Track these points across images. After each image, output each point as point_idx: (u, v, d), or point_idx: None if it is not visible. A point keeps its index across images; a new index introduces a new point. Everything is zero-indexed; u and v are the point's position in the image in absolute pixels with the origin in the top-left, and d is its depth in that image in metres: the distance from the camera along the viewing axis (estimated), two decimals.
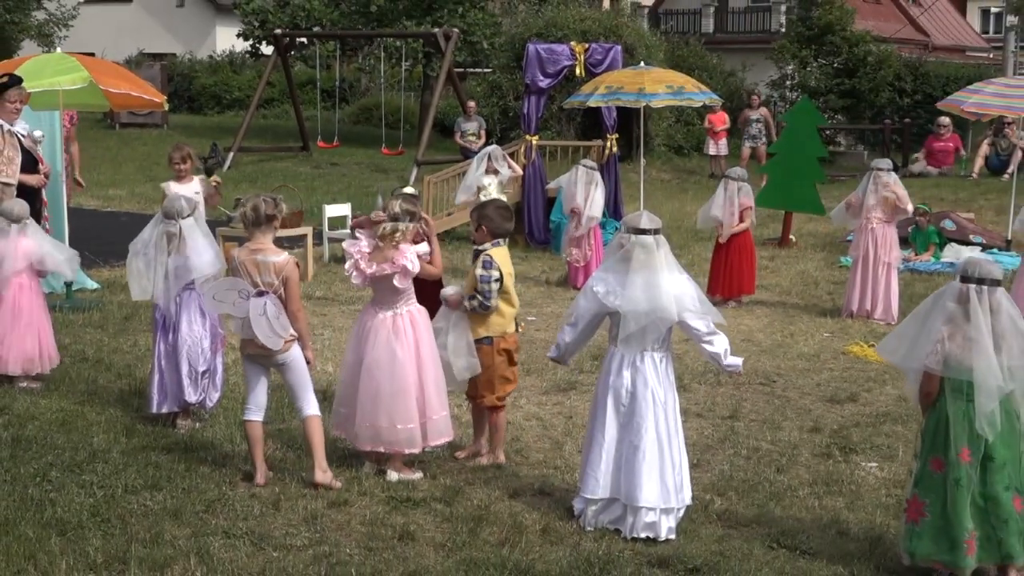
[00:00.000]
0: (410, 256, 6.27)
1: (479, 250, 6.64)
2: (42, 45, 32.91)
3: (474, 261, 6.72)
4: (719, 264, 11.73)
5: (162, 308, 7.25)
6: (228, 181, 19.39)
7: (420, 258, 6.30)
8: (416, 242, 6.35)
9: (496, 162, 12.99)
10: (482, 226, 6.57)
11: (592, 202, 12.18)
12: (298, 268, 6.29)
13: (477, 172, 12.95)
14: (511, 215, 6.80)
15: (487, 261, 6.46)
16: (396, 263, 6.26)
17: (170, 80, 34.53)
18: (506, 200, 11.22)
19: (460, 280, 8.09)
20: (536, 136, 15.11)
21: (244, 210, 6.25)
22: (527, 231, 14.84)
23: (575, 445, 7.01)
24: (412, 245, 6.32)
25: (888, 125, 26.36)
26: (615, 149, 15.39)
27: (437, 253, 6.46)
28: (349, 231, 9.22)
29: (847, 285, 11.45)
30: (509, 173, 13.27)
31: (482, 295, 6.45)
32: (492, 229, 6.55)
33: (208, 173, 9.73)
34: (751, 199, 11.75)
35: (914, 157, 23.28)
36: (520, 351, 6.94)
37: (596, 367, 7.82)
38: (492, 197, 11.76)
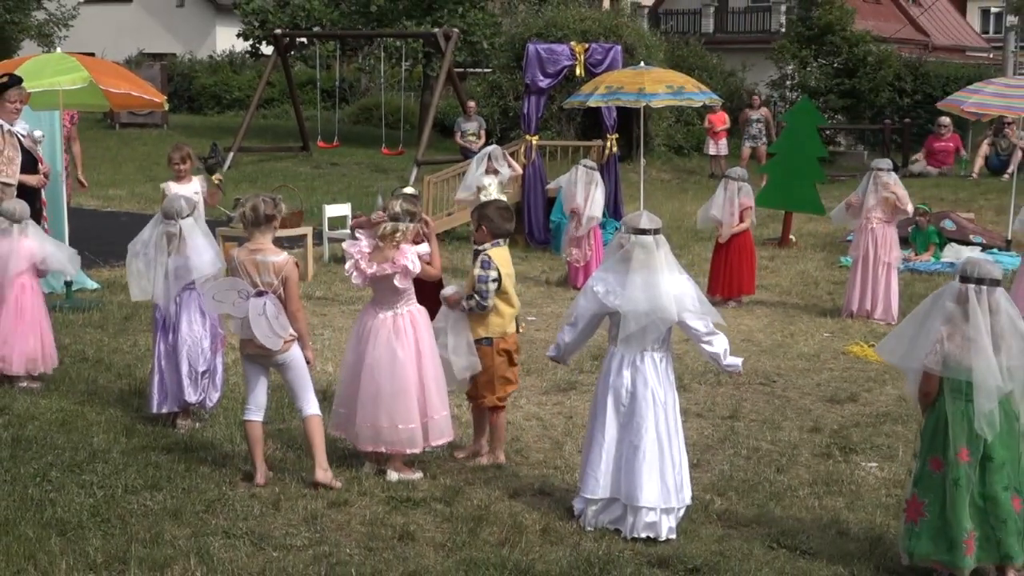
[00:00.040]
0: (411, 256, 6.27)
1: (479, 250, 6.65)
2: (42, 45, 32.90)
3: (474, 261, 6.73)
4: (719, 264, 11.74)
5: (162, 308, 7.26)
6: (228, 181, 19.38)
7: (420, 258, 6.31)
8: (416, 242, 6.36)
9: (496, 162, 12.99)
10: (482, 226, 6.58)
11: (592, 202, 12.18)
12: (297, 268, 6.29)
13: (477, 172, 12.94)
14: (512, 215, 6.81)
15: (485, 261, 6.47)
16: (396, 263, 6.26)
17: (170, 80, 34.53)
18: (506, 200, 11.24)
19: (460, 280, 8.09)
20: (536, 136, 15.11)
21: (243, 210, 6.25)
22: (527, 231, 14.84)
23: (575, 445, 7.01)
24: (413, 245, 6.32)
25: (888, 125, 26.36)
26: (615, 149, 15.39)
27: (436, 254, 6.46)
28: (349, 231, 9.22)
29: (847, 285, 11.45)
30: (509, 172, 13.27)
31: (479, 295, 6.45)
32: (492, 229, 6.56)
33: (210, 172, 9.73)
34: (751, 199, 11.75)
35: (914, 158, 23.27)
36: (520, 351, 6.93)
37: (596, 367, 7.82)
38: (492, 197, 11.78)
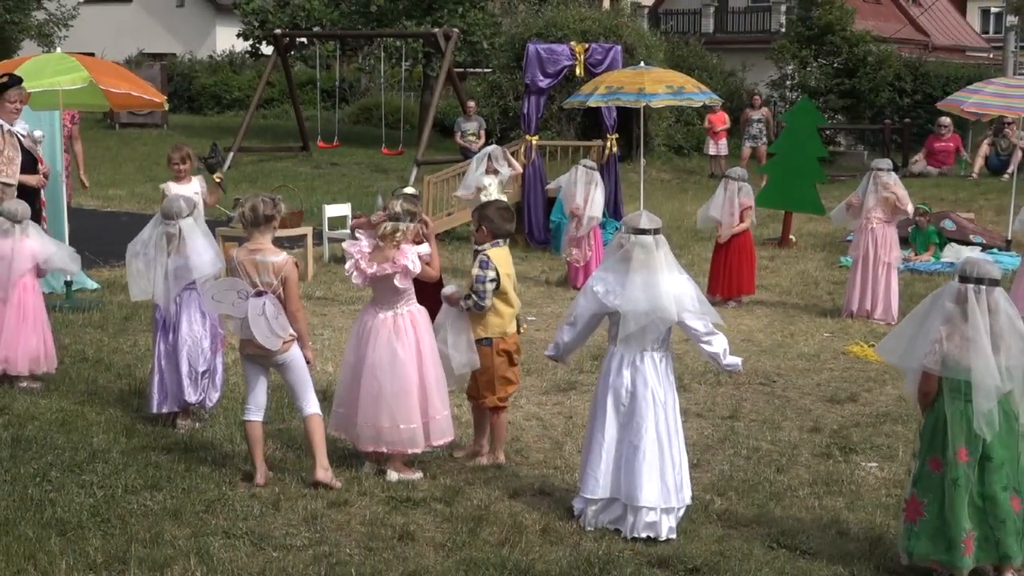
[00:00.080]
0: (411, 256, 6.27)
1: (479, 250, 6.65)
2: (42, 45, 32.88)
3: (474, 261, 6.73)
4: (719, 264, 11.74)
5: (162, 308, 7.26)
6: (228, 181, 19.35)
7: (420, 259, 6.30)
8: (416, 242, 6.36)
9: (496, 162, 12.99)
10: (483, 227, 6.59)
11: (592, 202, 12.18)
12: (297, 268, 6.29)
13: (477, 172, 12.94)
14: (512, 216, 6.81)
15: (483, 261, 6.47)
16: (397, 263, 6.26)
17: (170, 80, 34.53)
18: (506, 200, 11.23)
19: (460, 280, 8.10)
20: (536, 136, 15.11)
21: (243, 210, 6.25)
22: (527, 231, 14.84)
23: (575, 445, 7.01)
24: (413, 245, 6.32)
25: (888, 125, 26.36)
26: (615, 149, 15.38)
27: (436, 255, 6.46)
28: (349, 231, 9.22)
29: (847, 285, 11.45)
30: (510, 172, 13.27)
31: (476, 295, 6.45)
32: (493, 230, 6.57)
33: (211, 171, 9.72)
34: (751, 199, 11.75)
35: (914, 159, 23.27)
36: (521, 351, 6.93)
37: (596, 367, 7.82)
38: (493, 197, 11.79)
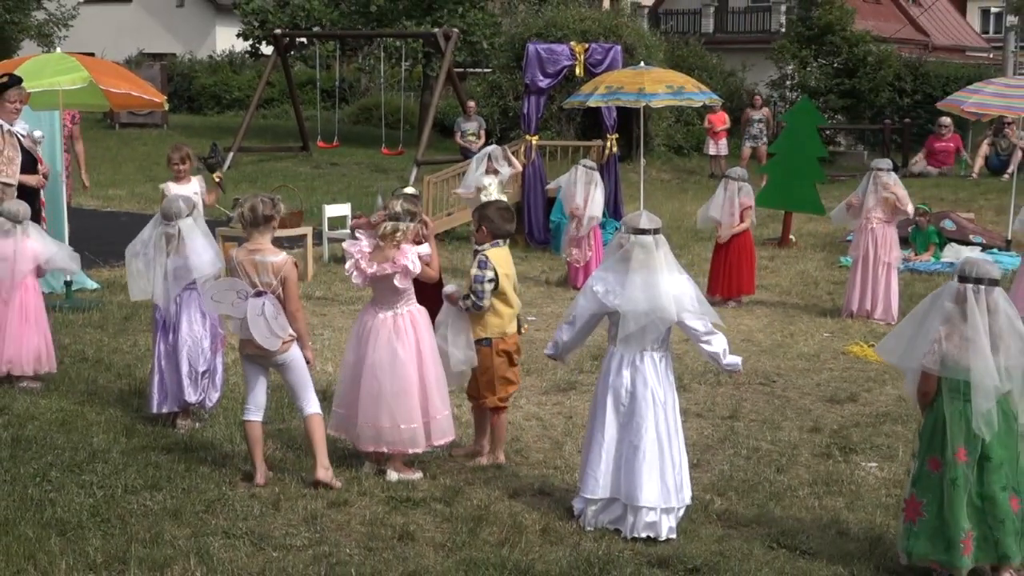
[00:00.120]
0: (411, 256, 6.27)
1: (478, 250, 6.65)
2: (42, 45, 32.88)
3: (473, 261, 6.73)
4: (719, 264, 11.74)
5: (162, 309, 7.25)
6: (228, 181, 19.36)
7: (420, 259, 6.30)
8: (417, 243, 6.36)
9: (496, 162, 12.99)
10: (483, 227, 6.59)
11: (592, 202, 12.18)
12: (296, 268, 6.29)
13: (477, 172, 12.94)
14: (512, 216, 6.81)
15: (482, 261, 6.47)
16: (397, 263, 6.26)
17: (170, 80, 34.53)
18: (506, 200, 11.24)
19: (461, 280, 8.10)
20: (536, 136, 15.11)
21: (242, 211, 6.25)
22: (527, 231, 14.84)
23: (575, 445, 7.01)
24: (413, 245, 6.32)
25: (888, 125, 26.35)
26: (615, 149, 15.39)
27: (436, 255, 6.46)
28: (349, 231, 9.22)
29: (847, 285, 11.45)
30: (510, 171, 13.26)
31: (475, 295, 6.45)
32: (493, 230, 6.56)
33: (210, 170, 9.72)
34: (751, 199, 11.75)
35: (914, 160, 23.27)
36: (521, 352, 6.92)
37: (596, 367, 7.82)
38: (493, 197, 11.79)
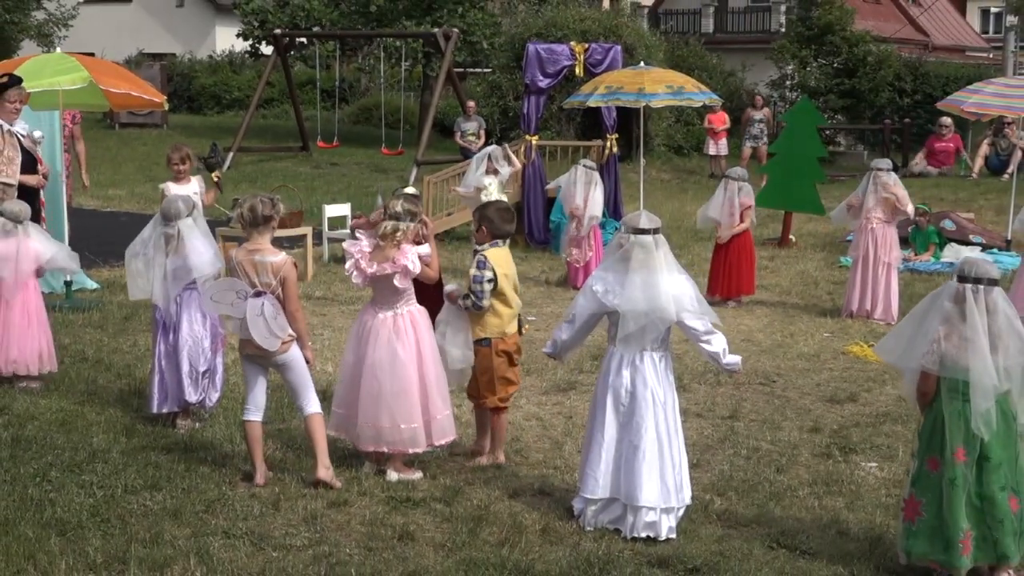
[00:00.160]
0: (411, 256, 6.27)
1: (478, 250, 6.65)
2: (42, 45, 32.88)
3: (472, 261, 6.73)
4: (719, 264, 11.74)
5: (161, 309, 7.25)
6: (228, 181, 19.36)
7: (420, 259, 6.30)
8: (417, 243, 6.36)
9: (496, 162, 12.99)
10: (483, 227, 6.59)
11: (591, 202, 12.18)
12: (296, 268, 6.29)
13: (477, 172, 12.94)
14: (512, 216, 6.80)
15: (481, 261, 6.47)
16: (397, 263, 6.26)
17: (170, 80, 34.52)
18: (507, 200, 11.24)
19: (461, 280, 8.10)
20: (536, 136, 15.12)
21: (241, 211, 6.25)
22: (527, 231, 14.84)
23: (575, 445, 7.00)
24: (413, 246, 6.32)
25: (888, 125, 26.35)
26: (615, 149, 15.39)
27: (435, 256, 6.46)
28: (349, 231, 9.21)
29: (847, 285, 11.45)
30: (510, 170, 13.25)
31: (474, 295, 6.45)
32: (492, 230, 6.56)
33: (209, 170, 9.72)
34: (751, 198, 11.75)
35: (915, 161, 23.26)
36: (521, 352, 6.91)
37: (596, 367, 7.81)
38: (493, 197, 11.79)
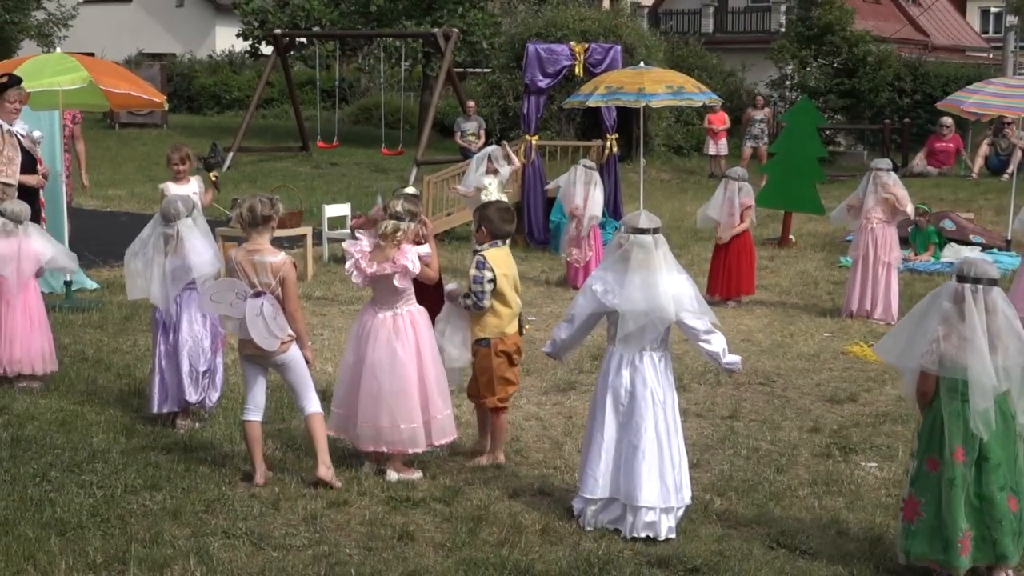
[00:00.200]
0: (411, 256, 6.27)
1: (477, 251, 6.65)
2: (42, 45, 32.88)
3: (472, 261, 6.73)
4: (719, 264, 11.73)
5: (160, 309, 7.25)
6: (228, 181, 19.40)
7: (420, 259, 6.30)
8: (417, 243, 6.36)
9: (496, 162, 12.99)
10: (482, 227, 6.59)
11: (591, 202, 12.18)
12: (295, 268, 6.29)
13: (477, 173, 12.94)
14: (512, 217, 6.80)
15: (480, 262, 6.47)
16: (397, 263, 6.25)
17: (169, 80, 34.53)
18: (507, 200, 11.23)
19: (461, 280, 8.09)
20: (536, 136, 15.12)
21: (240, 211, 6.25)
22: (527, 231, 14.84)
23: (575, 445, 7.00)
24: (414, 246, 6.32)
25: (888, 125, 26.35)
26: (615, 149, 15.39)
27: (435, 256, 6.45)
28: (349, 231, 9.22)
29: (847, 285, 11.45)
30: (510, 169, 13.25)
31: (475, 296, 6.45)
32: (492, 230, 6.56)
33: (208, 169, 9.73)
34: (751, 198, 11.75)
35: (916, 161, 23.25)
36: (522, 352, 6.89)
37: (595, 367, 7.81)
38: (493, 197, 11.79)
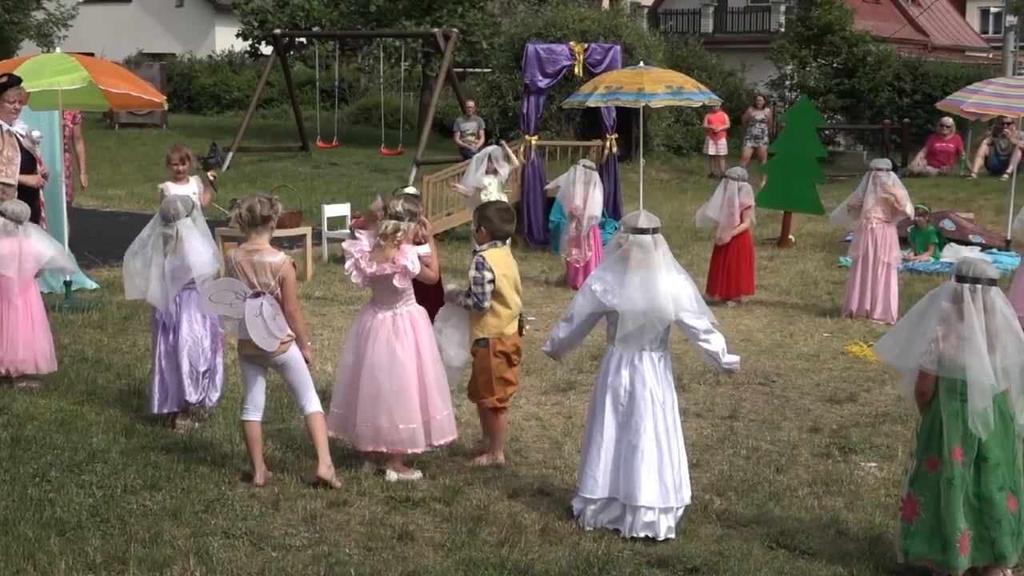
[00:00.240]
0: (411, 256, 6.27)
1: (477, 251, 6.65)
2: (41, 45, 32.90)
3: (471, 262, 6.73)
4: (718, 264, 11.73)
5: (159, 309, 7.25)
6: (228, 181, 19.42)
7: (420, 259, 6.30)
8: (417, 243, 6.36)
9: (496, 163, 12.99)
10: (482, 227, 6.59)
11: (591, 202, 12.18)
12: (294, 268, 6.29)
13: (477, 173, 12.94)
14: (512, 217, 6.79)
15: (479, 262, 6.47)
16: (397, 263, 6.25)
17: (169, 80, 34.54)
18: (507, 200, 11.23)
19: (461, 280, 8.09)
20: (535, 136, 15.12)
21: (240, 211, 6.24)
22: (527, 231, 14.84)
23: (574, 445, 7.00)
24: (413, 246, 6.32)
25: (887, 125, 26.36)
26: (614, 149, 15.39)
27: (435, 256, 6.45)
28: (348, 231, 9.22)
29: (847, 285, 11.45)
30: (510, 168, 13.25)
31: (476, 296, 6.44)
32: (492, 231, 6.56)
33: (206, 169, 9.73)
34: (751, 198, 11.75)
35: (916, 161, 23.25)
36: (521, 353, 6.89)
37: (595, 367, 7.81)
38: (493, 197, 11.79)
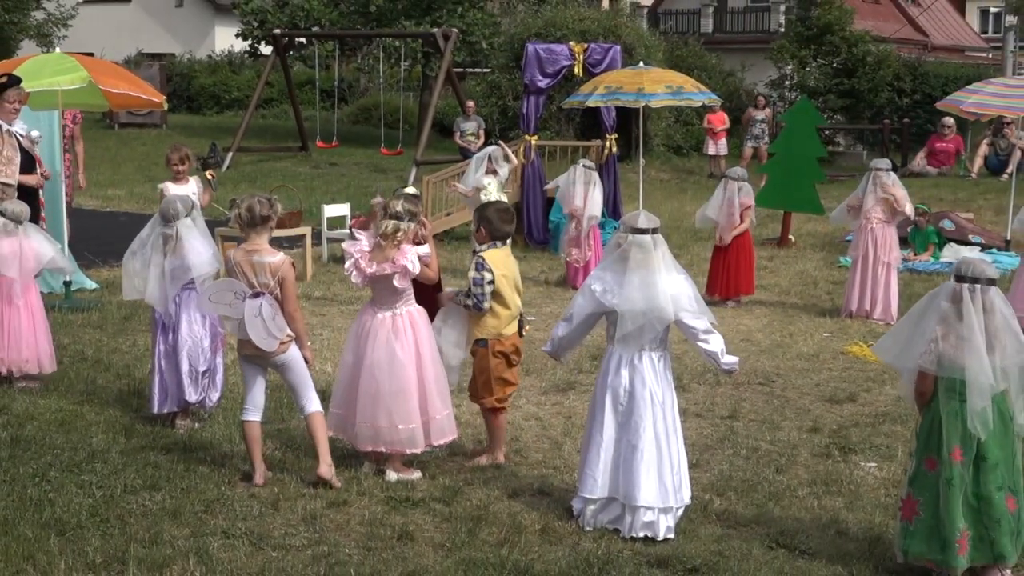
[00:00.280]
0: (411, 257, 6.27)
1: (476, 251, 6.65)
2: (41, 45, 32.89)
3: (471, 262, 6.73)
4: (718, 264, 11.73)
5: (159, 309, 7.25)
6: (227, 181, 19.42)
7: (420, 260, 6.30)
8: (417, 243, 6.36)
9: (496, 163, 12.98)
10: (481, 227, 6.58)
11: (590, 202, 12.18)
12: (294, 268, 6.29)
13: (477, 173, 12.93)
14: (512, 217, 6.79)
15: (479, 263, 6.46)
16: (396, 263, 6.25)
17: (169, 80, 34.54)
18: (506, 201, 11.23)
19: (461, 280, 8.10)
20: (535, 136, 15.12)
21: (239, 211, 6.24)
22: (526, 231, 14.84)
23: (574, 445, 7.00)
24: (413, 246, 6.32)
25: (887, 125, 26.36)
26: (614, 149, 15.39)
27: (435, 256, 6.45)
28: (348, 231, 9.22)
29: (846, 285, 11.45)
30: (509, 167, 13.24)
31: (475, 297, 6.44)
32: (491, 231, 6.56)
33: (204, 169, 9.72)
34: (751, 198, 11.75)
35: (916, 161, 23.25)
36: (521, 353, 6.88)
37: (595, 367, 7.82)
38: (493, 197, 11.78)
